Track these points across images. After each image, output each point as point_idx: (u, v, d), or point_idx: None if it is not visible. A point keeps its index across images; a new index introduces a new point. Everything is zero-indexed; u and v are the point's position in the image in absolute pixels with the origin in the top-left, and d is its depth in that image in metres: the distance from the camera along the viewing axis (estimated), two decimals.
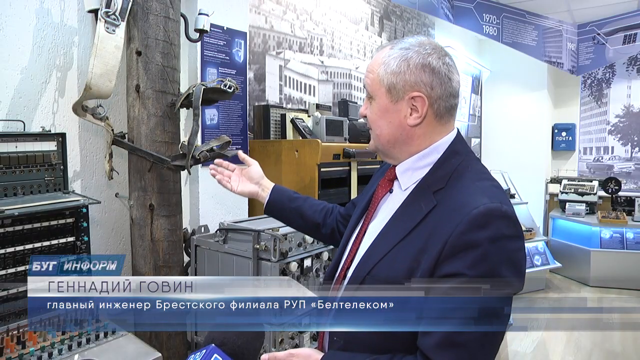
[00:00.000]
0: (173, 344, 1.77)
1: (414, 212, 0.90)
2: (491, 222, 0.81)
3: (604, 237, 4.94)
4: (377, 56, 0.97)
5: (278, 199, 1.34)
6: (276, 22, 2.97)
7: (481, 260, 0.79)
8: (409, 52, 0.92)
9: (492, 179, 0.94)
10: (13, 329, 1.29)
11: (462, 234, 0.80)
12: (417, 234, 0.87)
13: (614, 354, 3.42)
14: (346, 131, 2.66)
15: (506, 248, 0.81)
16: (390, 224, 0.94)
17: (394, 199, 0.99)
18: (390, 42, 0.99)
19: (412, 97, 0.92)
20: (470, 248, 0.80)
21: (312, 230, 1.38)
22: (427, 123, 0.94)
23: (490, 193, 0.86)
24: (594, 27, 5.59)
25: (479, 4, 4.91)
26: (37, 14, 1.61)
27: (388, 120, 0.95)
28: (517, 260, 0.83)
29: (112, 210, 1.89)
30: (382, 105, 0.95)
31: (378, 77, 0.95)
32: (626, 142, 6.14)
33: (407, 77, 0.92)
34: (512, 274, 0.81)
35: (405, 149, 0.96)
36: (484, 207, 0.81)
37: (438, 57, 0.93)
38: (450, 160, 0.94)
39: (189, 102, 1.68)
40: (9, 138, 1.46)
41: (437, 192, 0.90)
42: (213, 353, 0.77)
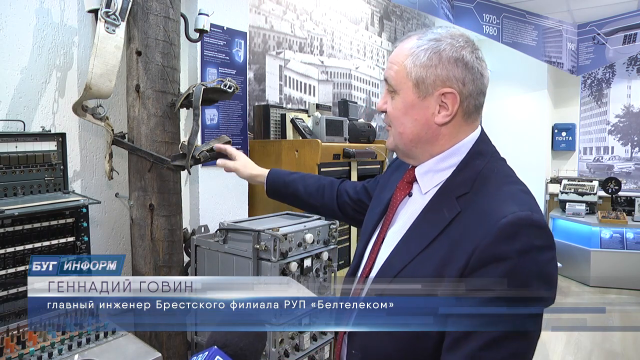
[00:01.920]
0: (173, 344, 1.77)
1: (436, 219, 0.84)
2: (521, 233, 0.75)
3: (604, 237, 4.94)
4: (403, 46, 0.88)
5: (274, 188, 1.40)
6: (276, 22, 2.97)
7: (511, 274, 0.73)
8: (441, 44, 0.84)
9: (519, 183, 0.87)
10: (13, 329, 1.29)
11: (490, 245, 0.75)
12: (440, 243, 0.81)
13: (614, 354, 3.42)
14: (346, 131, 2.66)
15: (537, 260, 0.75)
16: (411, 232, 0.88)
17: (413, 204, 0.93)
18: (416, 32, 0.89)
19: (442, 93, 0.84)
20: (499, 261, 0.74)
21: (313, 211, 1.47)
22: (455, 122, 0.87)
23: (519, 200, 0.80)
24: (594, 27, 5.59)
25: (479, 4, 4.91)
26: (37, 14, 1.61)
27: (413, 117, 0.87)
28: (548, 273, 0.77)
29: (112, 210, 1.89)
30: (407, 100, 0.87)
31: (404, 69, 0.86)
32: (626, 142, 6.14)
33: (438, 71, 0.84)
34: (543, 287, 0.75)
35: (428, 148, 0.89)
36: (513, 216, 0.75)
37: (471, 51, 0.85)
38: (474, 161, 0.87)
39: (189, 102, 1.68)
40: (9, 138, 1.46)
41: (461, 198, 0.83)
42: (215, 355, 0.76)
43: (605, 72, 6.17)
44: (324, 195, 1.35)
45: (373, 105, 4.17)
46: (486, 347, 0.74)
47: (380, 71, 4.26)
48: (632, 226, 4.91)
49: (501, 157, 0.92)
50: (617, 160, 6.19)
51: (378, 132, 3.84)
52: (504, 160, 0.92)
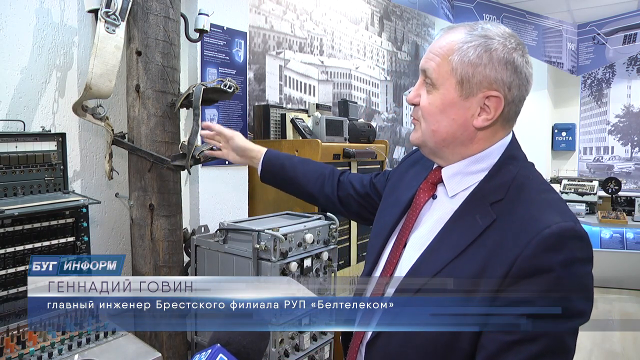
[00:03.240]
0: (173, 344, 1.77)
1: (469, 226, 0.79)
2: (565, 245, 0.72)
3: (604, 237, 4.94)
4: (448, 39, 0.82)
5: (269, 170, 1.31)
6: (276, 22, 2.97)
7: (554, 287, 0.70)
8: (493, 43, 0.79)
9: (555, 192, 0.83)
10: (13, 329, 1.29)
11: (533, 256, 0.71)
12: (475, 252, 0.77)
13: (614, 354, 3.42)
14: (346, 131, 2.66)
15: (579, 273, 0.73)
16: (441, 238, 0.82)
17: (440, 207, 0.87)
18: (463, 24, 0.83)
19: (487, 96, 0.79)
20: (542, 273, 0.71)
21: (309, 199, 1.35)
22: (493, 127, 0.82)
23: (560, 209, 0.77)
24: (594, 27, 5.59)
25: (479, 4, 4.92)
26: (37, 14, 1.61)
27: (451, 116, 0.81)
28: (588, 286, 0.75)
29: (112, 210, 1.89)
30: (447, 97, 0.81)
31: (449, 64, 0.80)
32: (626, 142, 6.14)
33: (487, 71, 0.78)
34: (583, 301, 0.73)
35: (460, 150, 0.84)
36: (557, 226, 0.72)
37: (522, 54, 0.81)
38: (507, 166, 0.83)
39: (189, 102, 1.68)
40: (9, 138, 1.46)
41: (496, 204, 0.79)
42: (218, 353, 0.76)
43: (605, 72, 6.18)
44: (323, 185, 1.26)
45: (373, 105, 4.17)
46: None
47: (380, 71, 4.26)
48: (632, 226, 4.91)
49: (531, 162, 0.88)
50: (617, 160, 6.19)
51: (378, 132, 3.84)
52: (533, 165, 0.88)
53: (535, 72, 4.09)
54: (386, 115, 4.39)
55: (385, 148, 2.75)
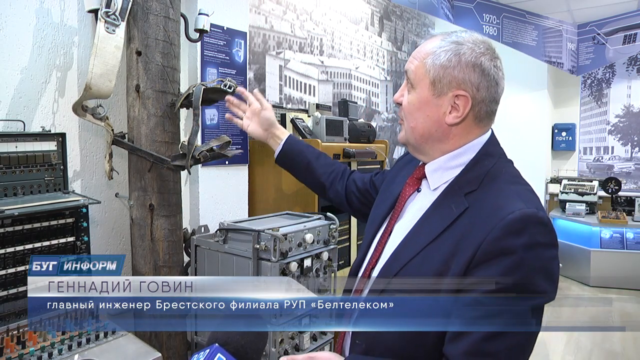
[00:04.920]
0: (173, 344, 1.77)
1: (444, 214, 0.87)
2: (527, 229, 0.77)
3: (604, 237, 4.94)
4: (427, 45, 0.92)
5: (289, 152, 1.39)
6: (276, 22, 2.97)
7: (515, 268, 0.76)
8: (462, 48, 0.88)
9: (525, 183, 0.90)
10: (13, 329, 1.29)
11: (497, 239, 0.77)
12: (447, 237, 0.84)
13: (614, 354, 3.42)
14: (346, 131, 2.66)
15: (541, 256, 0.78)
16: (419, 226, 0.90)
17: (422, 199, 0.95)
18: (442, 33, 0.94)
19: (456, 95, 0.88)
20: (505, 255, 0.77)
21: (318, 190, 1.43)
22: (466, 124, 0.90)
23: (525, 197, 0.83)
24: (594, 27, 5.59)
25: (479, 4, 4.92)
26: (37, 14, 1.61)
27: (426, 113, 0.91)
28: (551, 270, 0.79)
29: (112, 210, 1.89)
30: (422, 96, 0.90)
31: (424, 66, 0.90)
32: (626, 142, 6.14)
33: (455, 73, 0.87)
34: (545, 283, 0.78)
35: (438, 146, 0.92)
36: (520, 212, 0.78)
37: (490, 59, 0.88)
38: (483, 161, 0.90)
39: (189, 102, 1.68)
40: (9, 138, 1.46)
41: (469, 195, 0.86)
42: (216, 352, 0.76)
43: (605, 72, 6.18)
44: (335, 180, 1.36)
45: (373, 105, 4.17)
46: (488, 338, 0.76)
47: (380, 71, 4.26)
48: (632, 226, 4.91)
49: (509, 159, 0.95)
50: (617, 160, 6.19)
51: (378, 132, 3.84)
52: (512, 162, 0.95)
53: (535, 72, 4.10)
54: (386, 115, 4.39)
55: (385, 148, 2.75)
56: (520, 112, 6.22)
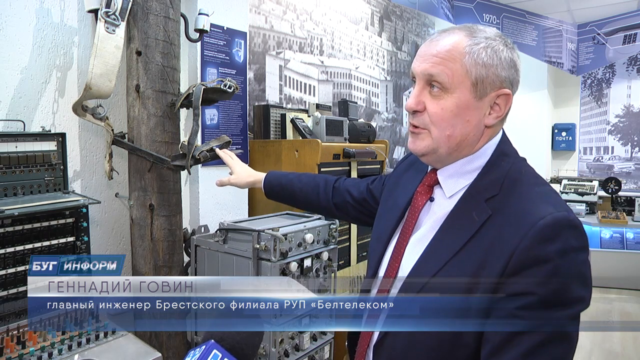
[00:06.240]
0: (173, 344, 1.77)
1: (465, 223, 0.81)
2: (560, 234, 0.73)
3: (604, 237, 4.94)
4: (451, 42, 0.82)
5: (271, 192, 1.42)
6: (276, 22, 2.97)
7: (551, 276, 0.71)
8: (497, 44, 0.82)
9: (546, 183, 0.85)
10: (13, 329, 1.29)
11: (529, 248, 0.72)
12: (473, 248, 0.78)
13: (614, 354, 3.42)
14: (346, 131, 2.66)
15: (576, 261, 0.74)
16: (439, 237, 0.84)
17: (437, 208, 0.89)
18: (458, 27, 0.85)
19: (499, 94, 0.82)
20: (539, 264, 0.72)
21: (313, 210, 1.46)
22: (499, 124, 0.86)
23: (553, 200, 0.78)
24: (594, 27, 5.59)
25: (479, 4, 4.92)
26: (37, 14, 1.61)
27: (466, 118, 0.82)
28: (586, 274, 0.76)
29: (112, 210, 1.89)
30: (462, 100, 0.81)
31: (463, 67, 0.80)
32: (626, 142, 6.14)
33: (499, 71, 0.81)
34: (582, 288, 0.75)
35: (465, 152, 0.86)
36: (551, 217, 0.74)
37: (517, 54, 0.85)
38: (499, 163, 0.84)
39: (189, 102, 1.68)
40: (9, 138, 1.46)
41: (491, 200, 0.81)
42: (212, 349, 0.76)
43: (605, 72, 6.18)
44: (319, 195, 1.34)
45: (373, 105, 4.17)
46: (529, 353, 0.72)
47: (380, 71, 4.26)
48: (632, 226, 4.91)
49: (522, 157, 0.90)
50: (617, 160, 6.19)
51: (378, 132, 3.84)
52: (525, 160, 0.90)
53: (535, 72, 4.10)
54: (386, 115, 4.39)
55: (385, 148, 2.75)
56: (521, 112, 6.21)
